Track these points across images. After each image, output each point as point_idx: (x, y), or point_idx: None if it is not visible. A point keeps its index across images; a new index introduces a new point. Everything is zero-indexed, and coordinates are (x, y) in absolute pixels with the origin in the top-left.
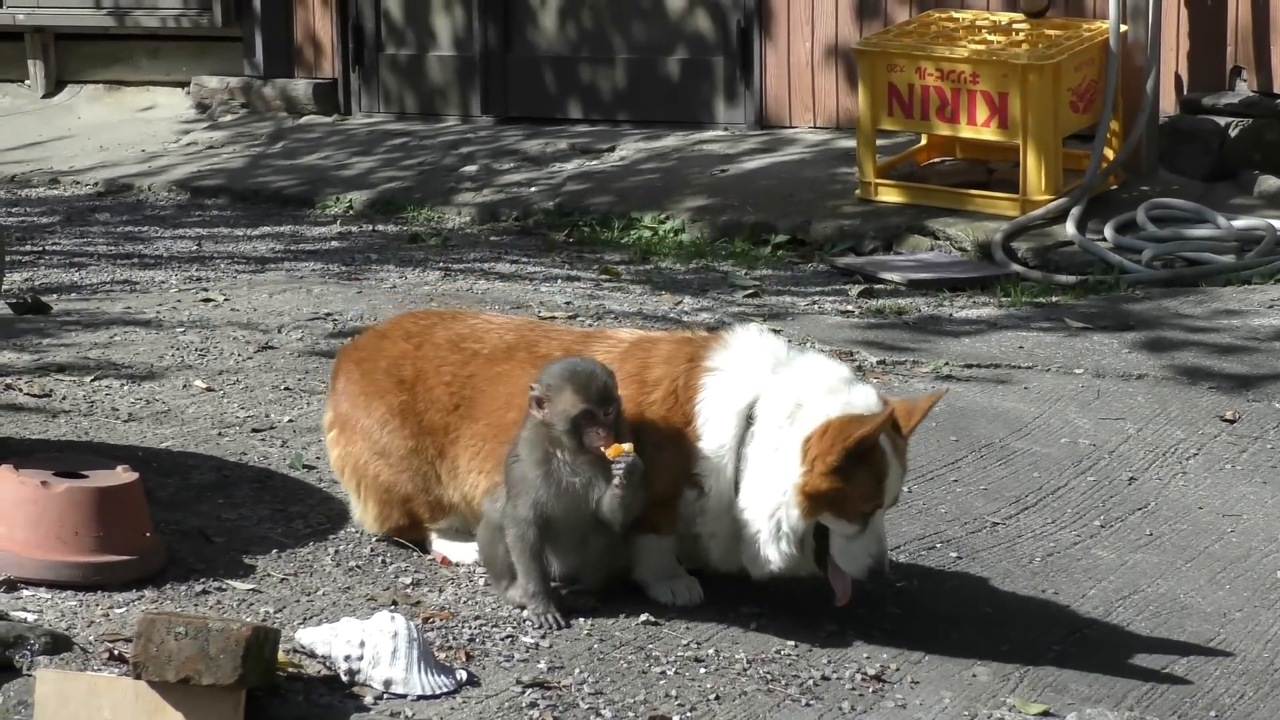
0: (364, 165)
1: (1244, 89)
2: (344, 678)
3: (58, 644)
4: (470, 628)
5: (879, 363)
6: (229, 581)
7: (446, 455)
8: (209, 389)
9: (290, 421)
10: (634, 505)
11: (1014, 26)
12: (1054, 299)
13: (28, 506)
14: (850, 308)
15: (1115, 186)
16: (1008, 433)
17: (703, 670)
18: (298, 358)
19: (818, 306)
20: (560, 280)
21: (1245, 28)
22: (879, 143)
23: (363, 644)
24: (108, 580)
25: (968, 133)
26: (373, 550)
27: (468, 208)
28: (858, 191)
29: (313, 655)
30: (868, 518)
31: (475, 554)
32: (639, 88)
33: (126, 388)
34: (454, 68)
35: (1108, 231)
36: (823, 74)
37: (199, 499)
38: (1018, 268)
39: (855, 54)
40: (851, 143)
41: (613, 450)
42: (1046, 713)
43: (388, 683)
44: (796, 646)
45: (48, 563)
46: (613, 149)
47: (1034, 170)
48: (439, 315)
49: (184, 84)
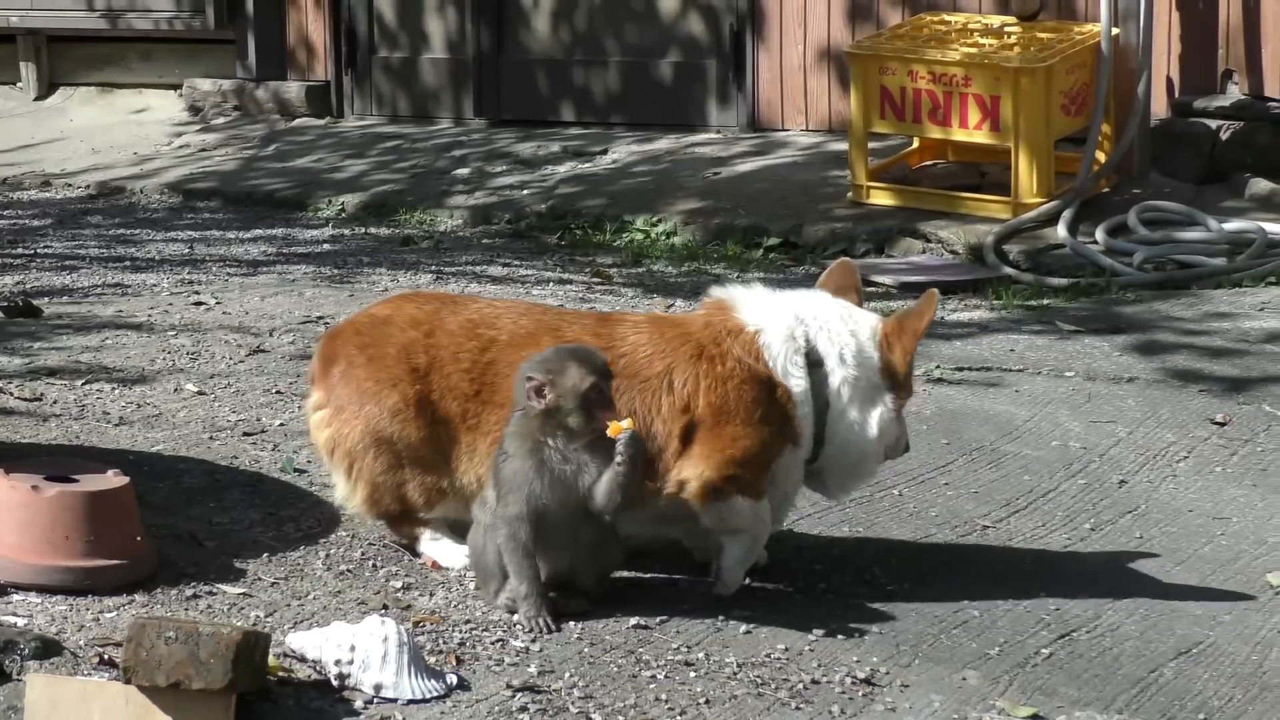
0: (356, 168)
1: (1235, 92)
2: (334, 682)
3: (48, 649)
4: (460, 632)
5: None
6: (220, 586)
7: (462, 441)
8: (200, 392)
9: (282, 425)
10: (632, 487)
11: (1006, 29)
12: (1045, 302)
13: (18, 511)
14: None
15: (1107, 189)
16: (999, 435)
17: (693, 674)
18: (289, 361)
19: None
20: (552, 283)
21: (1236, 31)
22: (871, 145)
23: (353, 648)
24: (98, 584)
25: (959, 136)
26: (363, 554)
27: (460, 210)
28: (850, 194)
29: (303, 659)
30: None
31: (465, 558)
32: (631, 90)
33: (118, 391)
34: (447, 70)
35: (1099, 234)
36: (815, 77)
37: (190, 503)
38: (1009, 270)
39: (847, 57)
40: (844, 146)
41: (614, 428)
42: (1036, 716)
43: (378, 687)
44: (786, 650)
45: (38, 567)
46: (605, 152)
47: (1026, 173)
48: (439, 299)
49: (176, 86)
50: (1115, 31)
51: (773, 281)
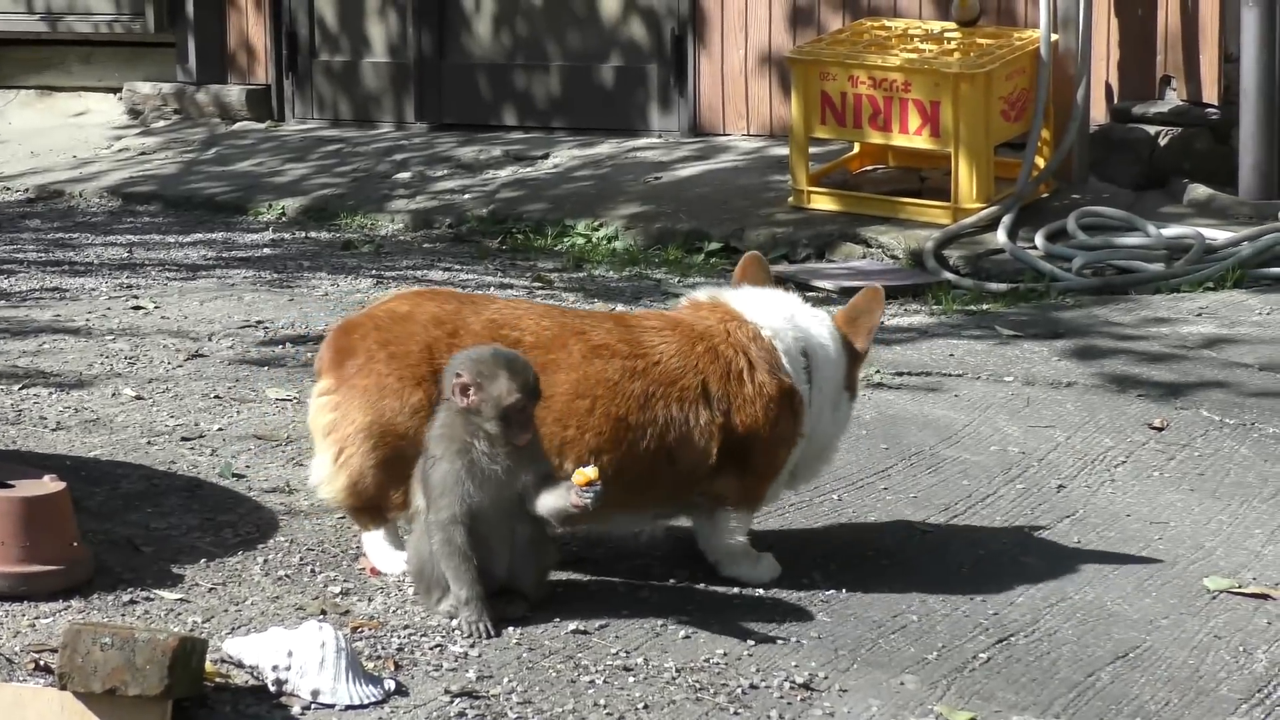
0: (297, 172)
1: (1174, 98)
2: (272, 688)
3: None
4: (399, 637)
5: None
6: (157, 591)
7: None
8: (138, 397)
9: (220, 430)
10: (579, 521)
11: (946, 35)
12: (985, 307)
13: None
14: None
15: (1046, 195)
16: (938, 440)
17: (631, 679)
18: (228, 366)
19: None
20: (493, 288)
21: (1175, 37)
22: (812, 150)
23: (290, 654)
24: (34, 590)
25: (900, 141)
26: (302, 560)
27: (401, 215)
28: (791, 199)
29: (240, 665)
30: None
31: (404, 564)
32: (573, 95)
33: (55, 396)
34: (388, 74)
35: (1038, 239)
36: (756, 82)
37: (127, 508)
38: (949, 276)
39: (788, 62)
40: (785, 150)
41: (581, 478)
42: None
43: (315, 693)
44: (725, 655)
45: None
46: (547, 156)
47: (965, 178)
48: (458, 298)
49: (116, 90)
50: (1054, 37)
51: (714, 286)
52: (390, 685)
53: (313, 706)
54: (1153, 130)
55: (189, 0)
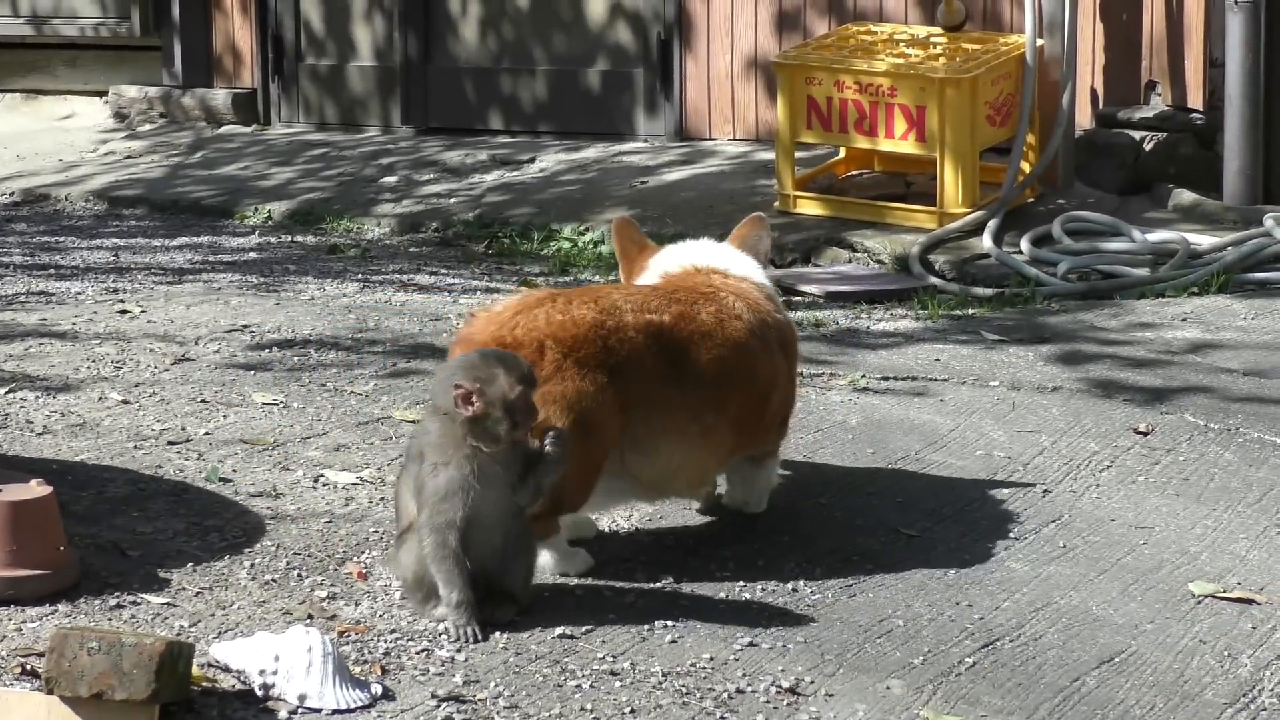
0: (283, 176)
1: (1159, 103)
2: (258, 692)
3: None
4: (386, 641)
5: (796, 374)
6: (144, 596)
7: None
8: (125, 401)
9: (207, 434)
10: (556, 480)
11: (932, 40)
12: (971, 312)
13: None
14: None
15: (1032, 199)
16: (923, 445)
17: (618, 683)
18: (214, 370)
19: None
20: (479, 292)
21: (1160, 42)
22: (798, 155)
23: (277, 658)
24: (20, 594)
25: (886, 146)
26: (288, 564)
27: (387, 219)
28: (776, 204)
29: (227, 670)
30: None
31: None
32: (560, 99)
33: (41, 400)
34: (374, 78)
35: (1024, 244)
36: (742, 86)
37: (114, 512)
38: (935, 280)
39: (774, 67)
40: (771, 155)
41: (538, 429)
42: None
43: (302, 697)
44: (712, 659)
45: None
46: (533, 160)
47: (951, 183)
48: (583, 297)
49: (102, 93)
50: (1040, 42)
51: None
52: (377, 690)
53: (299, 711)
54: (1138, 135)
55: (175, 4)
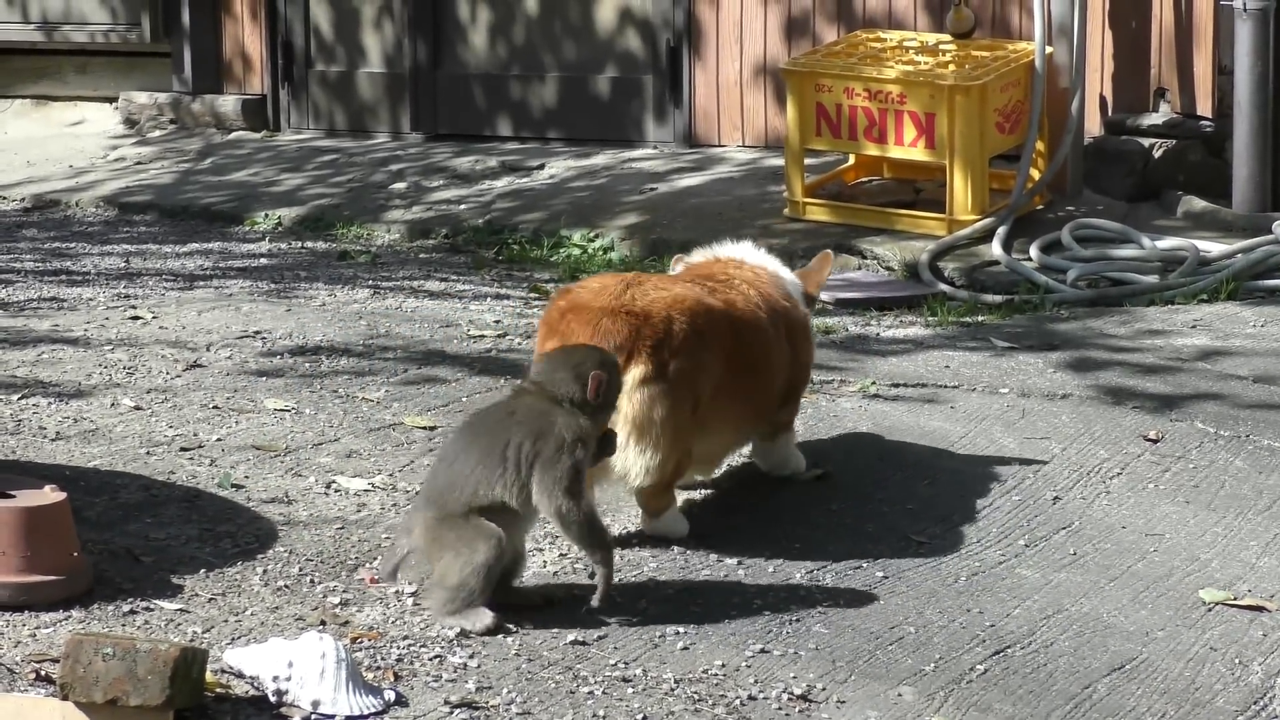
0: (293, 182)
1: (1167, 110)
2: (272, 698)
3: None
4: (398, 647)
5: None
6: (157, 602)
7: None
8: (137, 407)
9: (219, 440)
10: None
11: (941, 47)
12: (980, 318)
13: None
14: None
15: (1041, 206)
16: (934, 452)
17: (630, 690)
18: (226, 376)
19: None
20: (489, 298)
21: (1168, 50)
22: (807, 161)
23: (291, 664)
24: (35, 600)
25: (895, 152)
26: (301, 570)
27: (397, 225)
28: (786, 210)
29: (241, 676)
30: None
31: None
32: (569, 106)
33: (54, 406)
34: (384, 84)
35: (1033, 251)
36: (752, 93)
37: (127, 518)
38: (944, 287)
39: (783, 74)
40: (780, 161)
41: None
42: None
43: (315, 703)
44: (724, 666)
45: None
46: (542, 167)
47: (960, 190)
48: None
49: (112, 99)
50: (1049, 50)
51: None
52: (390, 696)
53: (313, 717)
54: (1147, 142)
55: (185, 10)
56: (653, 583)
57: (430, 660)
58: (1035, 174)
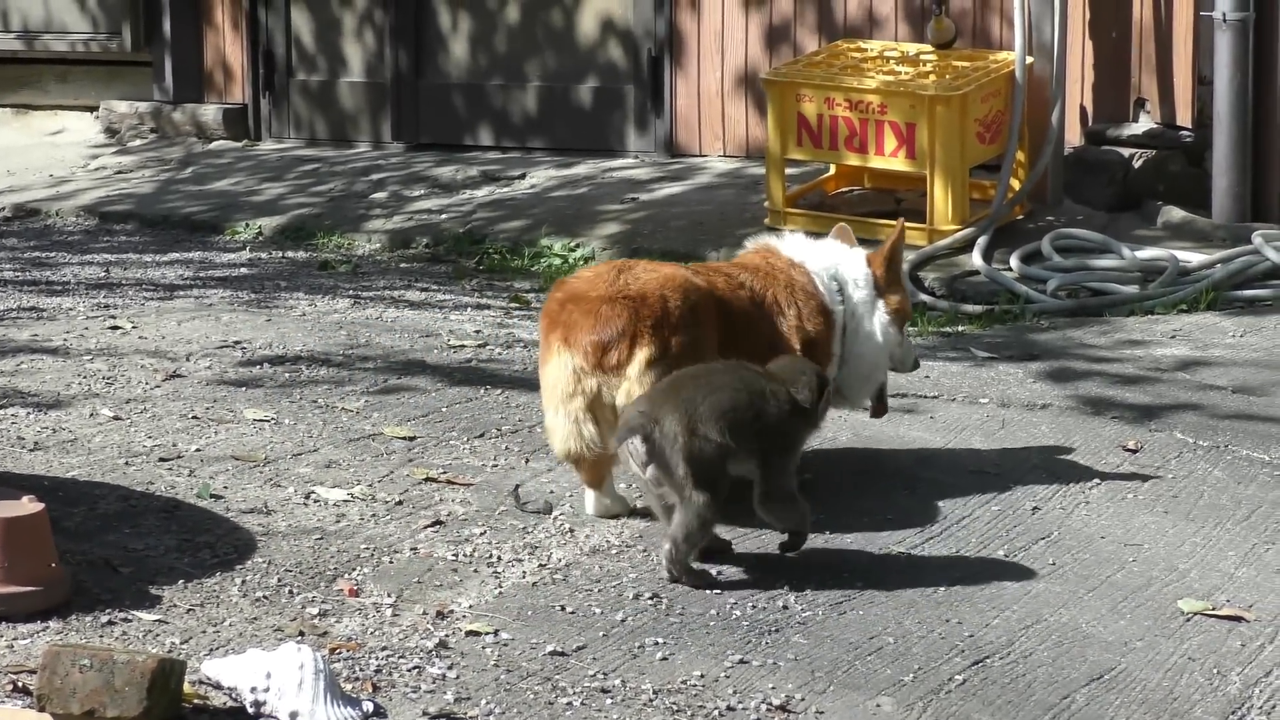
0: (274, 191)
1: (1147, 121)
2: (250, 709)
3: None
4: (377, 659)
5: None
6: (135, 612)
7: None
8: (116, 418)
9: (198, 451)
10: None
11: (922, 57)
12: (960, 328)
13: None
14: None
15: (1021, 217)
16: (914, 462)
17: (609, 701)
18: (206, 386)
19: None
20: (470, 308)
21: (1148, 61)
22: (788, 171)
23: (269, 675)
24: (12, 611)
25: (876, 162)
26: (280, 581)
27: (378, 234)
28: (767, 220)
29: (219, 687)
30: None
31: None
32: (550, 115)
33: (32, 416)
34: (365, 94)
35: (1013, 261)
36: (733, 103)
37: (105, 529)
38: (925, 297)
39: (764, 84)
40: (761, 171)
41: None
42: None
43: (294, 714)
44: (703, 677)
45: None
46: (524, 176)
47: (941, 200)
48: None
49: (93, 108)
50: (1029, 60)
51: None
52: (368, 707)
53: None
54: (1127, 153)
55: (166, 19)
56: (631, 593)
57: (409, 671)
58: (1015, 184)
